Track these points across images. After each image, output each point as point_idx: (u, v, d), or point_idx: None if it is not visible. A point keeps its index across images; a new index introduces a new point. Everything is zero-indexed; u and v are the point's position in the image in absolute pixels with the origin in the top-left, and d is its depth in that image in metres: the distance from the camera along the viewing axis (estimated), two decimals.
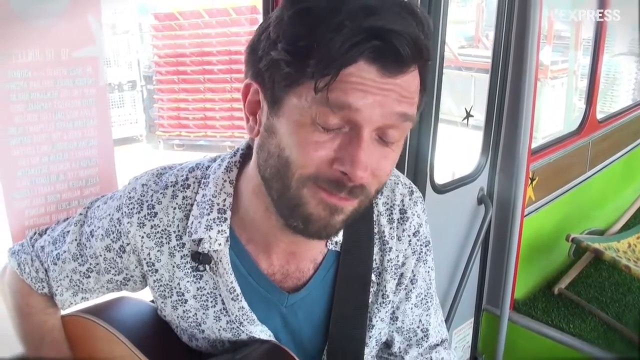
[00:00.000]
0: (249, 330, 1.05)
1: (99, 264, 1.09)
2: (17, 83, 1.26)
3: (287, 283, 1.06)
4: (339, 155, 0.82)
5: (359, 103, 0.78)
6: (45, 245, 1.15)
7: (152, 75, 9.17)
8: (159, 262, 1.05)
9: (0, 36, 1.23)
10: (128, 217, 1.03)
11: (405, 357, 1.19)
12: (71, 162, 1.36)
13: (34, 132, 1.30)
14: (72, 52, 1.30)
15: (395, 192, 1.10)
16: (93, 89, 1.35)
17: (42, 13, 1.26)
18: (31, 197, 1.32)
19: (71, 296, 1.15)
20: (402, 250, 1.11)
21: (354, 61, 0.77)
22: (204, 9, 8.21)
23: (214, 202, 1.00)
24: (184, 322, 1.08)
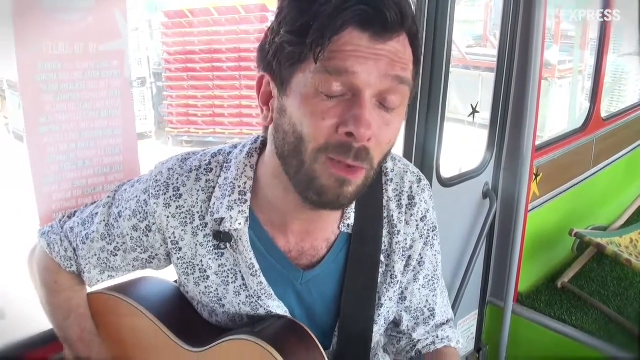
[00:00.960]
0: (267, 305, 1.13)
1: (126, 242, 1.17)
2: (47, 74, 1.34)
3: (302, 261, 1.14)
4: (343, 119, 0.89)
5: (356, 67, 0.87)
6: (74, 227, 1.23)
7: (162, 72, 9.24)
8: (182, 241, 1.13)
9: (32, 30, 1.31)
10: (155, 198, 1.11)
11: (413, 334, 1.27)
12: (97, 150, 1.45)
13: (62, 120, 1.38)
14: (99, 46, 1.39)
15: (404, 180, 1.18)
16: (118, 81, 1.44)
17: (72, 8, 1.34)
18: (59, 182, 1.41)
19: (98, 274, 1.23)
20: (409, 234, 1.19)
21: (345, 27, 0.85)
22: (214, 7, 8.27)
23: (235, 185, 1.08)
24: (205, 298, 1.17)
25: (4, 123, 9.76)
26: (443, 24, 2.15)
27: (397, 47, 0.89)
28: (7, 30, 1.30)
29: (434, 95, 2.22)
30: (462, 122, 6.26)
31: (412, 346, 1.27)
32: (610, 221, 3.70)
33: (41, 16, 1.31)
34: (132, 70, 1.49)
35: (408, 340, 1.28)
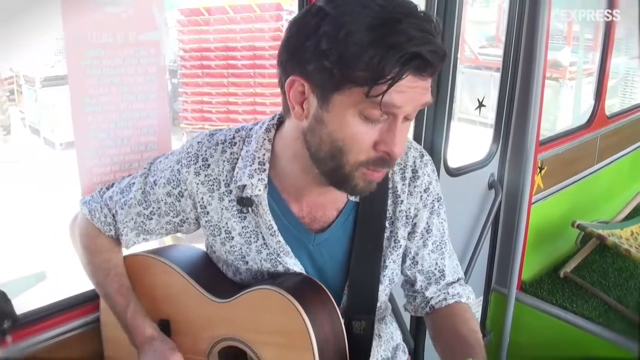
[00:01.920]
0: (285, 262, 1.31)
1: (160, 207, 1.35)
2: (91, 60, 1.53)
3: (314, 225, 1.32)
4: (381, 139, 1.08)
5: (401, 103, 1.04)
6: (113, 195, 1.41)
7: (177, 69, 9.41)
8: (210, 206, 1.31)
9: (79, 20, 1.50)
10: (186, 167, 1.29)
11: (426, 293, 1.43)
12: (134, 130, 1.63)
13: (104, 102, 1.57)
14: (138, 36, 1.57)
15: (408, 155, 1.35)
16: (154, 67, 1.62)
17: (115, 1, 1.52)
18: (99, 157, 1.60)
19: (135, 236, 1.41)
20: (413, 203, 1.35)
21: (402, 79, 1.01)
22: (229, 5, 8.42)
23: (255, 156, 1.26)
24: (230, 256, 1.34)
25: (20, 117, 10.00)
26: (451, 23, 2.30)
27: (430, 80, 1.06)
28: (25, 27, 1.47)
29: (442, 90, 2.38)
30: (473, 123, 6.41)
31: (426, 303, 1.43)
32: (613, 217, 3.81)
33: (87, 8, 1.49)
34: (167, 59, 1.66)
35: (422, 298, 1.44)
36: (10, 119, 9.68)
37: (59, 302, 1.60)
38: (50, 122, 8.96)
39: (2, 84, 10.09)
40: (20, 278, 1.46)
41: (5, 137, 9.31)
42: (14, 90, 10.26)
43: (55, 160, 7.74)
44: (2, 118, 9.60)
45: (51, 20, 1.50)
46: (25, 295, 1.49)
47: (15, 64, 9.92)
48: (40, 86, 9.10)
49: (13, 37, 8.67)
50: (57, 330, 1.56)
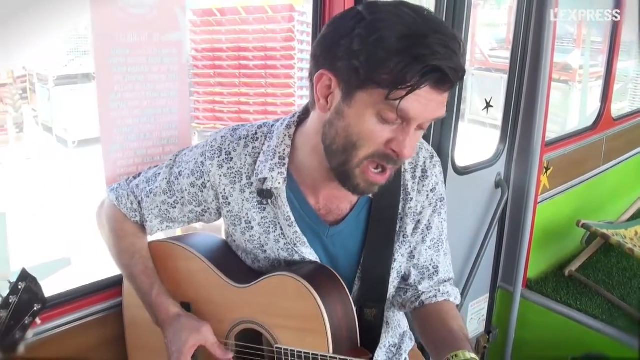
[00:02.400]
0: (301, 251, 1.40)
1: (184, 197, 1.45)
2: (117, 59, 1.64)
3: (329, 218, 1.42)
4: (392, 138, 1.17)
5: (417, 111, 1.13)
6: (139, 184, 1.51)
7: (189, 68, 9.49)
8: (231, 197, 1.40)
9: (106, 21, 1.60)
10: (210, 160, 1.39)
11: (419, 287, 1.51)
12: (156, 125, 1.73)
13: (129, 98, 1.67)
14: (161, 36, 1.67)
15: (419, 155, 1.44)
16: (177, 66, 1.72)
17: (140, 4, 1.63)
18: (123, 150, 1.70)
19: (158, 223, 1.51)
20: (420, 201, 1.44)
21: (424, 86, 1.10)
22: (242, 7, 8.51)
23: (276, 151, 1.35)
24: (250, 245, 1.44)
25: (33, 115, 10.14)
26: (460, 25, 2.38)
27: (447, 95, 1.16)
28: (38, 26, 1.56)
29: (450, 91, 2.46)
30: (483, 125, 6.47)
31: (417, 297, 1.51)
32: (618, 217, 3.87)
33: (114, 10, 1.60)
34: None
35: (414, 291, 1.51)
36: (23, 117, 9.82)
37: (82, 287, 1.70)
38: (63, 120, 9.10)
39: (15, 83, 10.24)
40: (46, 263, 1.55)
41: (18, 134, 9.46)
42: (26, 89, 10.41)
43: (68, 158, 7.88)
44: (15, 116, 9.75)
45: (65, 19, 1.60)
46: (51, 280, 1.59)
47: (29, 63, 10.08)
48: (54, 85, 9.24)
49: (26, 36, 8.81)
50: (80, 314, 1.67)
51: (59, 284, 1.67)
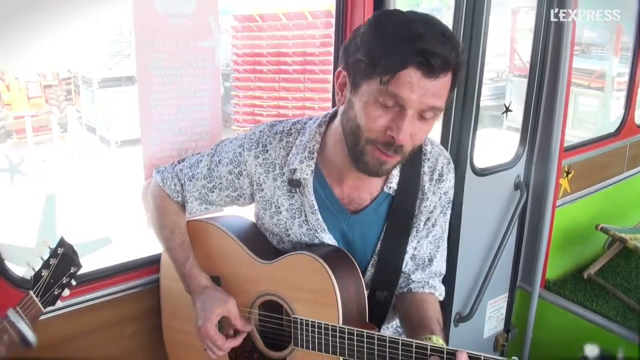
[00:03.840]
0: (321, 237, 1.62)
1: (222, 183, 1.68)
2: (156, 63, 1.88)
3: (351, 206, 1.63)
4: (390, 125, 1.36)
5: (407, 95, 1.31)
6: (183, 169, 1.75)
7: (230, 73, 9.79)
8: (264, 184, 1.63)
9: (147, 29, 1.85)
10: (248, 151, 1.62)
11: (412, 276, 1.70)
12: (190, 121, 1.98)
13: (166, 98, 1.92)
14: (196, 43, 1.91)
15: (438, 161, 1.64)
16: (210, 69, 1.96)
17: (178, 14, 1.87)
18: (161, 144, 1.95)
19: (197, 205, 1.75)
20: (434, 201, 1.65)
21: (406, 67, 1.29)
22: (282, 12, 8.76)
23: (307, 146, 1.58)
24: (276, 228, 1.67)
25: (77, 116, 10.57)
26: (478, 32, 2.59)
27: (439, 84, 1.33)
28: (83, 30, 1.80)
29: (469, 96, 2.66)
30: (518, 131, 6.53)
31: (407, 284, 1.70)
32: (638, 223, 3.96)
33: (154, 19, 1.84)
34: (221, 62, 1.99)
35: (406, 279, 1.70)
36: (68, 117, 10.25)
37: (121, 264, 1.96)
38: (106, 121, 9.47)
39: (60, 84, 10.69)
40: (89, 241, 1.78)
41: (62, 134, 9.89)
42: (71, 91, 10.84)
43: (110, 157, 8.26)
44: (60, 116, 10.19)
45: (109, 23, 1.83)
46: (93, 256, 1.83)
47: (74, 65, 10.52)
48: (98, 87, 9.64)
49: (72, 39, 9.21)
50: (118, 287, 1.93)
51: (100, 260, 1.91)
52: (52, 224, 1.87)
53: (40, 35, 8.65)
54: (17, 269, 1.74)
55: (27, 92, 10.07)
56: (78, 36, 9.40)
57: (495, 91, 8.96)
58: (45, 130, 9.76)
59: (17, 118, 9.63)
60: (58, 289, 1.46)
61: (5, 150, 8.34)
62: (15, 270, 1.74)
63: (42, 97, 10.25)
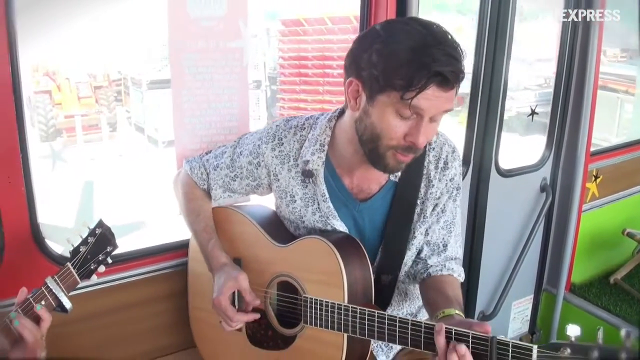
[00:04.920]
0: (333, 223, 1.77)
1: (243, 172, 1.86)
2: (189, 62, 2.07)
3: (360, 195, 1.78)
4: (409, 132, 1.51)
5: (425, 106, 1.46)
6: (209, 159, 1.93)
7: (276, 76, 10.01)
8: (280, 174, 1.80)
9: (180, 31, 2.04)
10: (265, 144, 1.80)
11: (428, 261, 1.82)
12: (220, 117, 2.17)
13: (197, 94, 2.11)
14: (226, 43, 2.10)
15: (443, 149, 1.78)
16: (238, 68, 2.14)
17: (209, 17, 2.05)
18: (192, 137, 2.15)
19: (221, 192, 1.93)
20: (440, 188, 1.78)
21: (427, 86, 1.43)
22: (328, 17, 8.92)
23: (318, 139, 1.74)
24: (292, 215, 1.83)
25: (126, 116, 10.95)
26: (502, 38, 2.72)
27: (453, 92, 1.49)
28: (133, 34, 1.98)
29: (493, 101, 2.79)
30: None
31: (426, 269, 1.82)
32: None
33: (187, 22, 2.04)
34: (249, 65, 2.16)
35: (424, 264, 1.83)
36: (117, 117, 10.63)
37: (153, 247, 2.17)
38: (154, 122, 9.80)
39: (111, 85, 11.10)
40: (124, 224, 1.96)
41: (111, 133, 10.28)
42: (121, 91, 11.23)
43: (157, 156, 8.57)
44: (109, 116, 10.60)
45: (157, 28, 2.02)
46: (127, 238, 2.02)
47: (124, 67, 10.91)
48: (147, 88, 9.99)
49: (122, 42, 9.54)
50: (150, 268, 2.13)
51: (134, 242, 2.12)
52: (90, 208, 2.06)
53: (91, 37, 9.03)
54: (56, 247, 1.94)
55: (77, 92, 10.48)
56: (129, 39, 9.77)
57: (543, 97, 8.95)
58: (94, 129, 10.17)
59: (68, 117, 10.05)
60: (94, 264, 1.63)
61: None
62: (54, 248, 1.94)
63: (93, 97, 10.67)
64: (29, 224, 1.89)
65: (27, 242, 1.89)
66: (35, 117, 9.31)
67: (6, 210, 1.84)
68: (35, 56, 8.90)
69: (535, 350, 1.28)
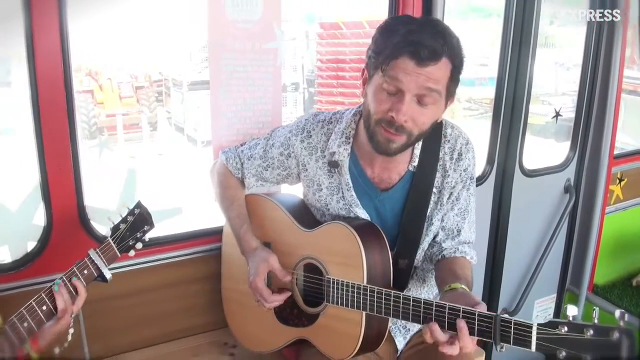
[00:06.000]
0: (355, 211, 1.92)
1: (274, 162, 2.03)
2: (226, 61, 2.26)
3: (381, 185, 1.92)
4: (391, 107, 1.67)
5: (403, 79, 1.63)
6: (244, 150, 2.11)
7: (314, 79, 10.16)
8: (308, 165, 1.97)
9: (220, 33, 2.23)
10: (295, 136, 1.97)
11: (443, 244, 1.96)
12: (254, 112, 2.35)
13: (234, 91, 2.30)
14: (262, 45, 2.28)
15: (457, 142, 1.91)
16: (272, 67, 2.33)
17: (246, 20, 2.24)
18: (228, 130, 2.34)
19: (254, 181, 2.10)
20: (455, 178, 1.92)
21: (400, 57, 1.61)
22: (366, 20, 9.04)
23: (343, 132, 1.90)
24: (318, 203, 1.99)
25: (167, 117, 11.24)
26: (527, 41, 2.84)
27: (432, 70, 1.63)
28: (174, 36, 2.16)
29: (518, 99, 2.92)
30: None
31: (440, 251, 1.96)
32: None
33: (225, 24, 2.23)
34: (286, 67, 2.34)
35: (439, 247, 1.97)
36: (157, 117, 10.91)
37: (190, 232, 2.37)
38: (193, 122, 10.05)
39: (152, 86, 11.40)
40: (163, 210, 2.12)
41: (152, 132, 10.57)
42: (162, 92, 11.51)
43: (196, 155, 8.82)
44: (150, 116, 10.87)
45: (198, 31, 2.19)
46: (166, 223, 2.21)
47: (165, 69, 11.20)
48: (187, 89, 10.24)
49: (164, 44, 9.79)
50: (186, 251, 2.33)
51: (173, 227, 2.32)
52: (132, 194, 2.26)
53: (133, 39, 9.32)
54: (99, 227, 2.15)
55: (119, 92, 10.78)
56: (170, 42, 10.04)
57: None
58: (135, 128, 10.46)
59: (109, 116, 10.35)
60: (132, 241, 1.80)
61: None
62: (98, 229, 2.15)
63: (134, 97, 10.96)
64: (76, 206, 2.10)
65: (73, 222, 2.10)
66: (77, 115, 9.58)
67: (56, 193, 2.04)
68: (78, 57, 9.19)
69: (535, 327, 1.40)
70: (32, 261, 2.05)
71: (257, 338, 2.11)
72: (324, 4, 10.01)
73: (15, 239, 2.12)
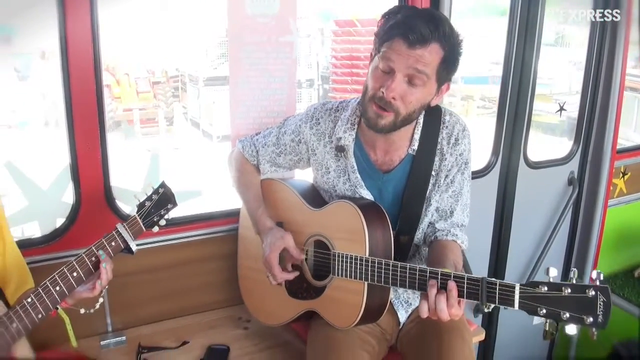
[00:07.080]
0: (360, 192, 2.09)
1: (286, 149, 2.21)
2: (245, 53, 2.44)
3: (384, 167, 2.08)
4: (382, 84, 1.83)
5: (394, 59, 1.80)
6: (258, 138, 2.29)
7: (329, 75, 10.28)
8: (317, 150, 2.14)
9: (239, 26, 2.41)
10: (304, 123, 2.15)
11: (436, 225, 2.11)
12: (270, 102, 2.53)
13: (252, 82, 2.48)
14: (278, 38, 2.46)
15: (455, 128, 2.07)
16: (288, 60, 2.51)
17: (264, 14, 2.42)
18: (245, 119, 2.52)
19: (269, 167, 2.28)
20: (451, 161, 2.07)
21: (393, 39, 1.79)
22: None
23: (349, 119, 2.07)
24: (326, 185, 2.16)
25: (183, 112, 11.44)
26: (532, 37, 2.98)
27: (421, 53, 1.78)
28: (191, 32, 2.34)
29: (523, 92, 3.06)
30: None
31: (433, 233, 2.11)
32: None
33: (245, 19, 2.41)
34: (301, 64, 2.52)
35: (432, 228, 2.12)
36: (174, 112, 11.12)
37: (209, 213, 2.56)
38: (209, 117, 10.24)
39: (168, 82, 11.62)
40: (184, 191, 2.26)
41: (168, 127, 10.79)
42: (178, 88, 11.72)
43: (211, 150, 9.00)
44: (167, 111, 11.10)
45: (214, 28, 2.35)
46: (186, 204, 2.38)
47: (181, 65, 11.40)
48: (203, 85, 10.43)
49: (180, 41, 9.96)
50: (205, 231, 2.52)
51: (193, 208, 2.50)
52: (156, 175, 2.43)
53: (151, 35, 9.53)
54: (125, 207, 2.34)
55: (136, 87, 11.00)
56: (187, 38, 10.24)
57: None
58: (152, 123, 10.68)
59: (126, 110, 10.58)
60: (156, 217, 1.96)
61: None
62: (123, 208, 2.34)
63: (151, 92, 11.19)
64: (103, 186, 2.29)
65: (100, 201, 2.29)
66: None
67: (85, 174, 2.24)
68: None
69: (517, 287, 1.56)
70: (60, 236, 2.25)
71: (270, 311, 2.28)
72: (339, 1, 10.14)
73: (45, 215, 2.30)
